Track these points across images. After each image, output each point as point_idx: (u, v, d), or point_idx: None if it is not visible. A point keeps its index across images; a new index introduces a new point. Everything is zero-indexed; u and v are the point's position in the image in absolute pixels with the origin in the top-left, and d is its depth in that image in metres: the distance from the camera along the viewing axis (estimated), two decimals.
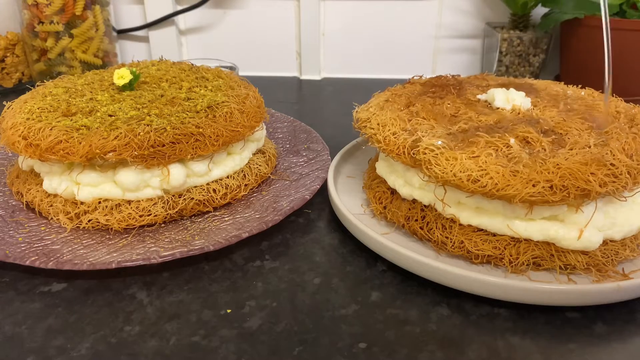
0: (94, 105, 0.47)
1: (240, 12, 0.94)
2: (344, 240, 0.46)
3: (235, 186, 0.49)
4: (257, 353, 0.34)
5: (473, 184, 0.37)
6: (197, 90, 0.51)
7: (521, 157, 0.37)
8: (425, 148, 0.40)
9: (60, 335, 0.36)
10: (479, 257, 0.40)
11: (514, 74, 0.87)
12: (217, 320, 0.37)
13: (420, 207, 0.43)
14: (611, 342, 0.35)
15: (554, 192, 0.35)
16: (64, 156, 0.42)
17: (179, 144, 0.44)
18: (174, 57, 0.94)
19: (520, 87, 0.51)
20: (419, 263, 0.39)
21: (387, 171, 0.47)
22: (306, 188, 0.50)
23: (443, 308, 0.38)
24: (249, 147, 0.53)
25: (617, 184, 0.36)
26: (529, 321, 0.37)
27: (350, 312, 0.38)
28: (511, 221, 0.39)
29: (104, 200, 0.45)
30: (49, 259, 0.40)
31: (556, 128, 0.41)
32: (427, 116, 0.44)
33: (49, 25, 0.80)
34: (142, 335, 0.36)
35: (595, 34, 0.76)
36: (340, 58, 0.96)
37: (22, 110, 0.47)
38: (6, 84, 0.87)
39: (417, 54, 0.95)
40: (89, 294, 0.40)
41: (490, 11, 0.91)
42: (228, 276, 0.42)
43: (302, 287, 0.41)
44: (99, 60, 0.85)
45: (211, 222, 0.46)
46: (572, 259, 0.38)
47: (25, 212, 0.48)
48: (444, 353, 0.34)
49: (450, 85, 0.51)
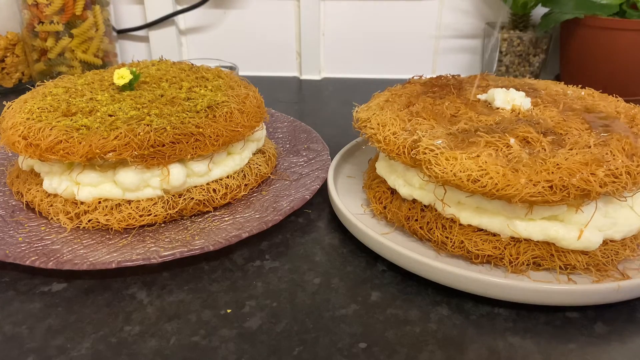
0: (94, 105, 0.47)
1: (240, 12, 0.94)
2: (344, 240, 0.46)
3: (235, 186, 0.49)
4: (257, 353, 0.34)
5: (473, 184, 0.37)
6: (197, 90, 0.51)
7: (521, 157, 0.37)
8: (425, 148, 0.40)
9: (60, 335, 0.36)
10: (479, 257, 0.40)
11: (514, 74, 0.87)
12: (217, 320, 0.37)
13: (420, 207, 0.43)
14: (611, 342, 0.35)
15: (554, 192, 0.35)
16: (64, 156, 0.42)
17: (179, 143, 0.44)
18: (174, 57, 0.94)
19: (520, 87, 0.51)
20: (419, 263, 0.39)
21: (387, 171, 0.47)
22: (306, 188, 0.50)
23: (443, 308, 0.38)
24: (249, 147, 0.53)
25: (617, 184, 0.36)
26: (529, 321, 0.37)
27: (350, 312, 0.38)
28: (511, 221, 0.39)
29: (104, 200, 0.45)
30: (49, 259, 0.40)
31: (556, 128, 0.41)
32: (427, 116, 0.44)
33: (49, 25, 0.80)
34: (142, 335, 0.36)
35: (595, 34, 0.76)
36: (340, 58, 0.96)
37: (22, 110, 0.47)
38: (6, 84, 0.87)
39: (417, 54, 0.95)
40: (89, 294, 0.40)
41: (490, 11, 0.91)
42: (228, 276, 0.42)
43: (302, 287, 0.41)
44: (99, 60, 0.85)
45: (211, 222, 0.46)
46: (572, 259, 0.38)
47: (25, 212, 0.48)
48: (444, 353, 0.34)
49: (450, 85, 0.51)
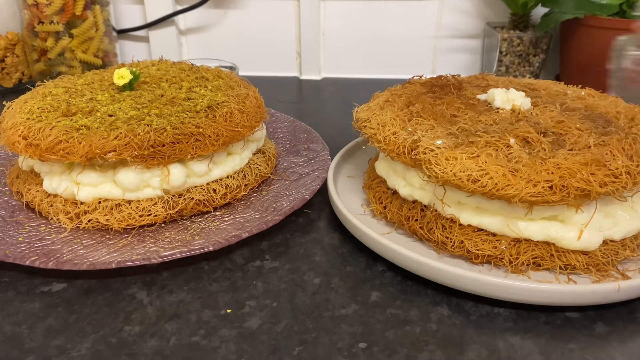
0: (94, 105, 0.47)
1: (240, 12, 0.94)
2: (344, 240, 0.46)
3: (235, 186, 0.49)
4: (257, 353, 0.34)
5: (473, 183, 0.37)
6: (197, 90, 0.51)
7: (521, 157, 0.37)
8: (425, 148, 0.40)
9: (60, 335, 0.36)
10: (479, 257, 0.40)
11: (514, 74, 0.87)
12: (217, 320, 0.37)
13: (420, 207, 0.43)
14: (611, 342, 0.35)
15: (553, 192, 0.35)
16: (64, 156, 0.42)
17: (179, 144, 0.44)
18: (174, 57, 0.94)
19: (520, 87, 0.51)
20: (419, 263, 0.39)
21: (387, 171, 0.47)
22: (306, 188, 0.50)
23: (443, 308, 0.38)
24: (249, 147, 0.53)
25: (617, 184, 0.36)
26: (529, 321, 0.37)
27: (350, 312, 0.38)
28: (511, 221, 0.39)
29: (104, 200, 0.45)
30: (49, 259, 0.40)
31: (556, 128, 0.41)
32: (427, 116, 0.44)
33: (49, 25, 0.80)
34: (142, 335, 0.36)
35: (595, 34, 0.76)
36: (340, 58, 0.96)
37: (22, 110, 0.47)
38: (6, 84, 0.87)
39: (417, 54, 0.95)
40: (89, 294, 0.40)
41: (490, 11, 0.91)
42: (228, 276, 0.42)
43: (302, 287, 0.41)
44: (99, 60, 0.85)
45: (211, 222, 0.46)
46: (572, 259, 0.38)
47: (25, 212, 0.48)
48: (444, 353, 0.34)
49: (450, 85, 0.51)
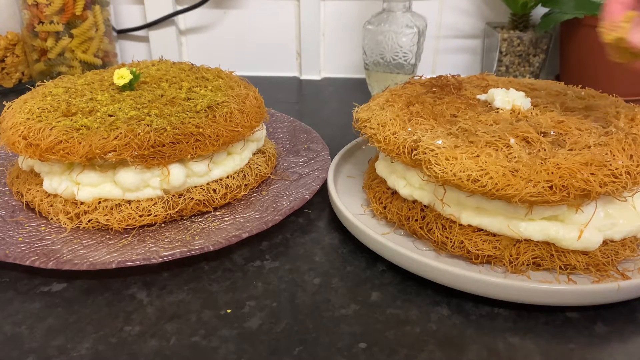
0: (94, 105, 0.47)
1: (240, 12, 0.94)
2: (344, 240, 0.46)
3: (235, 186, 0.49)
4: (257, 353, 0.34)
5: (473, 183, 0.37)
6: (197, 90, 0.51)
7: (521, 157, 0.37)
8: (425, 148, 0.40)
9: (60, 335, 0.36)
10: (479, 257, 0.40)
11: (514, 74, 0.87)
12: (217, 320, 0.37)
13: (420, 207, 0.43)
14: (611, 342, 0.35)
15: (553, 192, 0.35)
16: (64, 156, 0.42)
17: (179, 144, 0.44)
18: (174, 57, 0.94)
19: (520, 87, 0.51)
20: (419, 263, 0.39)
21: (387, 171, 0.47)
22: (306, 188, 0.50)
23: (443, 308, 0.38)
24: (249, 147, 0.53)
25: (617, 184, 0.36)
26: (529, 321, 0.37)
27: (350, 312, 0.38)
28: (511, 221, 0.39)
29: (104, 200, 0.45)
30: (49, 259, 0.40)
31: (556, 128, 0.41)
32: (427, 116, 0.44)
33: (49, 25, 0.80)
34: (142, 335, 0.36)
35: (595, 34, 0.75)
36: (340, 58, 0.96)
37: (22, 110, 0.47)
38: (6, 84, 0.87)
39: None
40: (89, 294, 0.40)
41: (491, 11, 0.91)
42: (228, 276, 0.42)
43: (302, 287, 0.41)
44: (99, 60, 0.85)
45: (211, 222, 0.46)
46: (572, 259, 0.38)
47: (25, 212, 0.48)
48: (444, 353, 0.34)
49: (450, 85, 0.51)
